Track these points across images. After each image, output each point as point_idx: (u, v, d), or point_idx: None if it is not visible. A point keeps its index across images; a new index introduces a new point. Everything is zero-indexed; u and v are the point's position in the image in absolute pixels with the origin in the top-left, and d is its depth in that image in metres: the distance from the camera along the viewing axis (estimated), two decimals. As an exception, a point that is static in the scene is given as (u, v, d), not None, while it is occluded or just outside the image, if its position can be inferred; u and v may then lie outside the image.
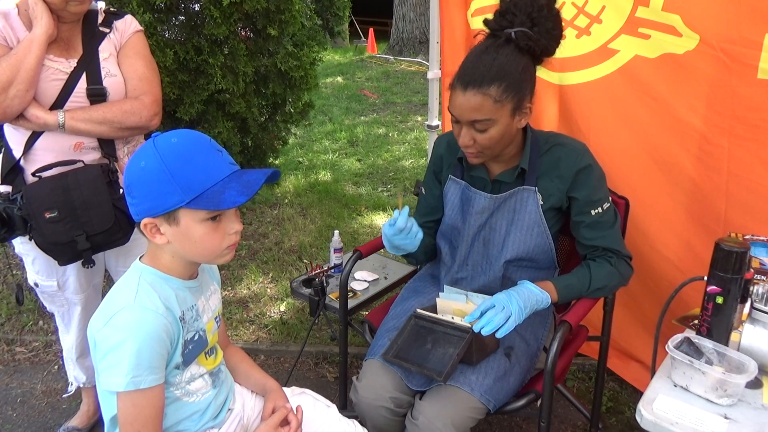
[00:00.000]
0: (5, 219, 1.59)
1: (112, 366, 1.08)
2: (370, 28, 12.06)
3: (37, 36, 1.55)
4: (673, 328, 1.51)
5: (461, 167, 1.67)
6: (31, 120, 1.58)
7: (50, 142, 1.64)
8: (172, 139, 1.11)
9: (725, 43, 1.67)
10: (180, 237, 1.13)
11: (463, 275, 1.69)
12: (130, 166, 1.12)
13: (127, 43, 1.74)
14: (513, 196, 1.59)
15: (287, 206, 4.10)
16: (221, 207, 1.10)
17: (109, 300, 1.15)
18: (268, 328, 2.80)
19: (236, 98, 3.09)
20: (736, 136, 1.73)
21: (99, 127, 1.63)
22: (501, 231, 1.62)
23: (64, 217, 1.58)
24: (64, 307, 1.91)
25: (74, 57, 1.65)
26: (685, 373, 1.17)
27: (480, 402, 1.46)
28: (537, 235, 1.59)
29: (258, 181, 1.13)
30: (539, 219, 1.57)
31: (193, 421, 1.26)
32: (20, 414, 2.32)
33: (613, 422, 2.18)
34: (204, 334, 1.25)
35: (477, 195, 1.62)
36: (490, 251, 1.65)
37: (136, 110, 1.68)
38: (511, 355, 1.55)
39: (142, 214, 1.12)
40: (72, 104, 1.63)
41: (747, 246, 1.20)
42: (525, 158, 1.55)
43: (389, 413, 1.52)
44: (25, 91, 1.54)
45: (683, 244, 1.93)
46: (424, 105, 6.92)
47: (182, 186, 1.08)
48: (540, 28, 1.40)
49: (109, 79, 1.68)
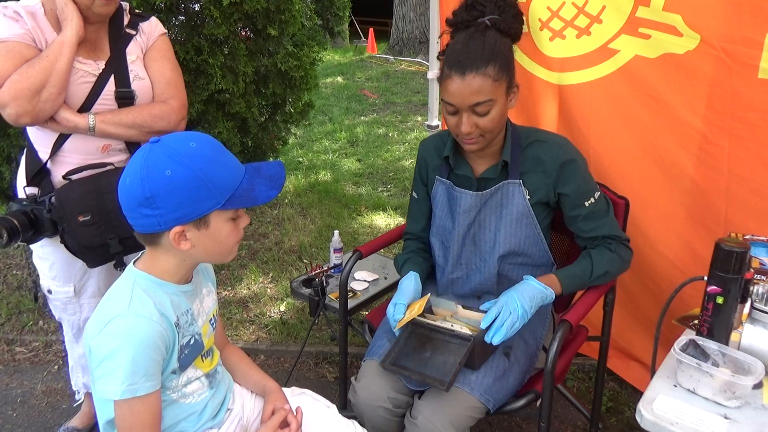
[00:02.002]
0: (33, 221, 1.59)
1: (107, 374, 1.08)
2: (370, 28, 12.06)
3: (68, 38, 1.54)
4: (673, 328, 1.51)
5: (447, 167, 1.67)
6: (61, 123, 1.58)
7: (78, 144, 1.64)
8: (189, 143, 1.10)
9: (726, 43, 1.67)
10: (206, 239, 1.14)
11: (458, 275, 1.69)
12: (149, 177, 1.07)
13: (154, 45, 1.75)
14: (498, 190, 1.59)
15: (287, 206, 4.10)
16: (257, 203, 1.14)
17: (104, 307, 1.14)
18: (268, 328, 2.80)
19: (236, 98, 3.09)
20: (737, 136, 1.73)
21: (129, 130, 1.64)
22: (491, 227, 1.62)
23: (98, 220, 1.58)
24: (75, 316, 1.89)
25: (102, 59, 1.65)
26: (692, 377, 1.16)
27: (479, 402, 1.46)
28: (526, 226, 1.59)
29: (280, 174, 1.19)
30: (527, 210, 1.58)
31: (191, 422, 1.26)
32: (20, 414, 2.32)
33: (613, 422, 2.18)
34: (200, 338, 1.25)
35: (462, 194, 1.63)
36: (482, 249, 1.65)
37: (165, 114, 1.69)
38: (510, 354, 1.55)
39: (171, 223, 1.09)
40: (100, 107, 1.63)
41: (747, 246, 1.20)
42: (507, 151, 1.56)
43: (387, 413, 1.52)
44: (57, 94, 1.53)
45: (683, 244, 1.93)
46: (424, 105, 6.92)
47: (218, 189, 1.10)
48: (506, 15, 1.47)
49: (137, 82, 1.68)
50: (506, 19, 1.47)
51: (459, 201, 1.63)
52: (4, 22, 1.53)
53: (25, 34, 1.54)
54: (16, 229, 1.56)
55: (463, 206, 1.63)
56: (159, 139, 1.11)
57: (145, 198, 1.07)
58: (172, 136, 1.12)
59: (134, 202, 1.09)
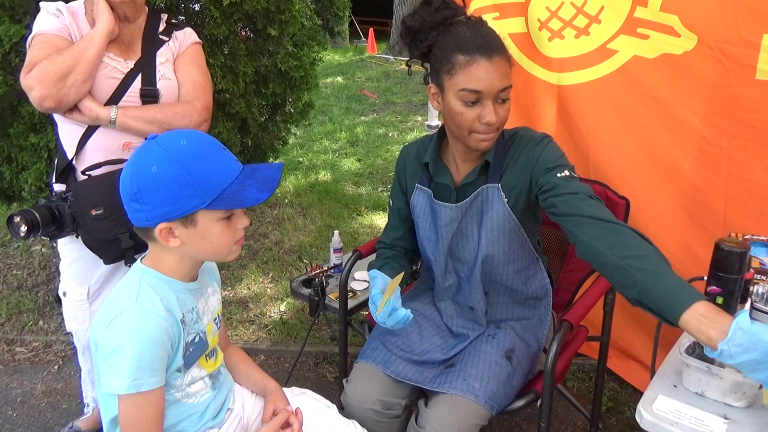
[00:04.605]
0: (55, 216, 1.61)
1: (113, 368, 1.08)
2: (370, 28, 12.06)
3: (99, 30, 1.59)
4: (672, 328, 1.51)
5: (427, 174, 1.60)
6: (84, 112, 1.61)
7: (100, 141, 1.67)
8: (180, 141, 1.10)
9: (723, 44, 1.68)
10: (196, 238, 1.14)
11: (450, 283, 1.67)
12: (138, 172, 1.09)
13: (186, 51, 1.80)
14: (477, 197, 1.53)
15: (287, 206, 4.10)
16: (244, 205, 1.13)
17: (111, 302, 1.15)
18: (268, 328, 2.80)
19: (236, 98, 3.09)
20: (735, 136, 1.73)
21: (149, 126, 1.66)
22: (473, 236, 1.57)
23: (110, 214, 1.60)
24: (84, 325, 1.89)
25: (132, 58, 1.70)
26: (700, 380, 1.16)
27: (484, 408, 1.45)
28: (510, 231, 1.52)
29: (275, 176, 1.16)
30: (508, 215, 1.50)
31: (193, 422, 1.26)
32: (20, 414, 2.32)
33: (613, 422, 2.19)
34: (204, 336, 1.25)
35: (442, 207, 1.57)
36: (466, 258, 1.60)
37: (187, 114, 1.71)
38: (512, 357, 1.55)
39: (156, 219, 1.10)
40: (125, 103, 1.67)
41: (747, 246, 1.20)
42: (491, 151, 1.49)
43: (377, 415, 1.51)
44: (82, 81, 1.57)
45: (682, 244, 1.93)
46: (424, 105, 6.93)
47: (203, 188, 1.09)
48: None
49: (163, 81, 1.72)
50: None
51: (439, 214, 1.59)
52: (45, 17, 1.62)
53: (62, 29, 1.61)
54: (37, 223, 1.57)
55: (444, 219, 1.58)
56: (156, 136, 1.11)
57: (133, 193, 1.09)
58: (167, 133, 1.13)
59: (126, 196, 1.11)
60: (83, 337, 1.94)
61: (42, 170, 2.51)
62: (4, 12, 2.27)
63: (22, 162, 2.55)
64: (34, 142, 2.48)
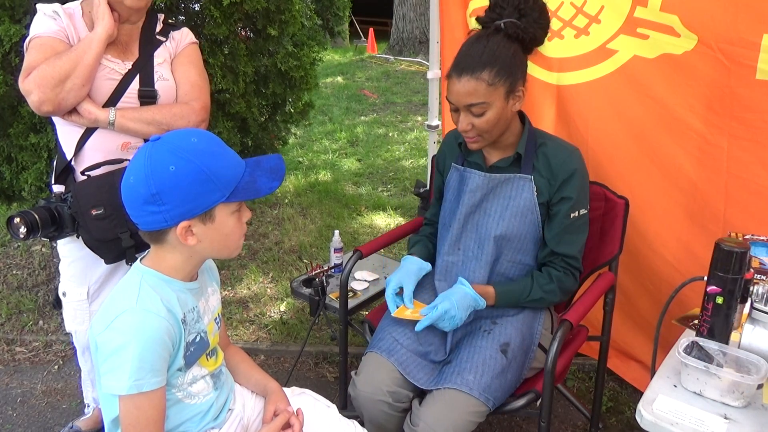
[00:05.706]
0: (54, 217, 1.62)
1: (114, 369, 1.08)
2: (370, 28, 12.05)
3: (98, 34, 1.59)
4: (672, 328, 1.51)
5: (461, 154, 1.72)
6: (83, 115, 1.62)
7: (99, 141, 1.68)
8: (191, 138, 1.12)
9: (723, 44, 1.68)
10: (212, 233, 1.15)
11: (454, 259, 1.70)
12: (153, 173, 1.07)
13: (183, 51, 1.80)
14: (509, 182, 1.62)
15: (287, 206, 4.11)
16: (259, 195, 1.15)
17: (111, 302, 1.15)
18: (268, 328, 2.80)
19: (236, 98, 3.09)
20: (735, 136, 1.73)
21: (147, 127, 1.66)
22: (494, 214, 1.64)
23: (110, 214, 1.60)
24: (84, 325, 1.89)
25: (130, 60, 1.70)
26: (699, 379, 1.16)
27: (479, 401, 1.46)
28: (530, 223, 1.62)
29: (280, 166, 1.20)
30: (533, 207, 1.60)
31: (195, 423, 1.26)
32: (20, 414, 2.32)
33: (613, 422, 2.19)
34: (205, 336, 1.25)
35: (472, 174, 1.66)
36: (481, 234, 1.66)
37: (185, 114, 1.72)
38: (507, 351, 1.56)
39: (176, 218, 1.10)
40: (123, 104, 1.67)
41: (747, 246, 1.20)
42: (522, 145, 1.60)
43: (388, 407, 1.53)
44: (80, 85, 1.57)
45: (682, 244, 1.93)
46: (424, 105, 6.92)
47: (221, 182, 1.11)
48: (528, 18, 1.50)
49: (161, 82, 1.72)
50: (525, 23, 1.49)
51: (467, 180, 1.67)
52: (42, 20, 1.61)
53: (60, 31, 1.61)
54: (36, 224, 1.58)
55: (471, 185, 1.65)
56: (160, 137, 1.11)
57: (150, 195, 1.08)
58: (172, 133, 1.13)
59: (139, 200, 1.09)
60: (83, 338, 1.94)
61: (42, 170, 2.51)
62: (4, 12, 2.27)
63: (22, 162, 2.56)
64: (34, 142, 2.48)
